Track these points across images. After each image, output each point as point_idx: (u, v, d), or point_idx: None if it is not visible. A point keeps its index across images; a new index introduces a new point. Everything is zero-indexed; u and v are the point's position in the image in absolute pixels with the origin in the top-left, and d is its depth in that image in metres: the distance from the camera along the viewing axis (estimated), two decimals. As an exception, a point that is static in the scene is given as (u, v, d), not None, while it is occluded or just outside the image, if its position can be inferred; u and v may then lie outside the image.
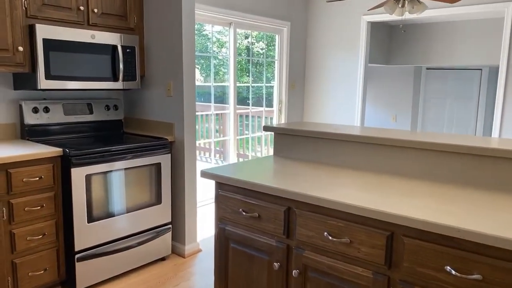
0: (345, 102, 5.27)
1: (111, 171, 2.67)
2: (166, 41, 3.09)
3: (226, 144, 5.13)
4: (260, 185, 1.77)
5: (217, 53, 4.82)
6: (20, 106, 2.79)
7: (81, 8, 2.77)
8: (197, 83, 3.30)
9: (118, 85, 2.98)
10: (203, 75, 5.15)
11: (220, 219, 2.00)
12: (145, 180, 2.90)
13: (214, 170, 2.02)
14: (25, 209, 2.34)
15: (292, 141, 2.40)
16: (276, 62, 5.26)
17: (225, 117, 4.98)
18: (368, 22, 5.03)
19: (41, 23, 2.58)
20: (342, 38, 5.21)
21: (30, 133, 2.80)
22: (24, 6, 2.52)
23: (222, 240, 2.01)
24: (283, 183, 1.78)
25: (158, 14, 3.11)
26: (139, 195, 2.86)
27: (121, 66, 2.94)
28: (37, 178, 2.38)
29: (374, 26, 5.80)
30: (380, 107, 6.91)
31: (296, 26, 5.31)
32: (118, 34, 2.94)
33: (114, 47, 2.92)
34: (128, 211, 2.80)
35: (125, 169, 2.76)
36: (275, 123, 5.38)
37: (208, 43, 5.03)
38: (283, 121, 5.38)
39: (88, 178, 2.55)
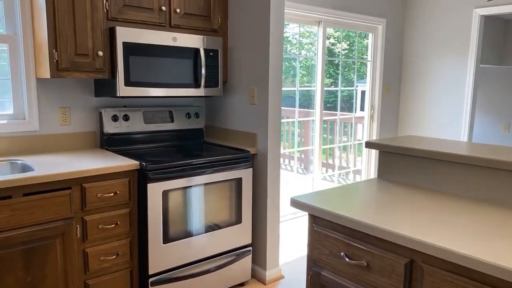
0: (449, 109, 4.57)
1: (189, 186, 2.42)
2: (251, 43, 2.78)
3: (308, 152, 4.73)
4: (370, 227, 1.35)
5: (297, 54, 4.45)
6: (100, 113, 2.66)
7: (163, 8, 2.57)
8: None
9: (200, 91, 2.74)
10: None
11: (314, 261, 1.62)
12: (225, 197, 2.61)
13: (307, 198, 1.64)
14: (99, 226, 2.17)
15: (403, 162, 1.93)
16: (368, 63, 4.73)
17: (308, 123, 4.57)
18: (481, 16, 4.30)
19: (121, 26, 2.41)
20: (448, 36, 4.52)
21: (109, 142, 2.66)
22: (105, 8, 2.36)
23: (317, 287, 1.62)
24: (401, 223, 1.35)
25: (244, 13, 2.81)
26: (218, 213, 2.58)
27: (203, 71, 2.69)
28: (112, 194, 2.19)
29: (487, 21, 4.99)
30: (488, 114, 6.00)
31: (392, 23, 4.74)
32: (201, 36, 2.70)
33: (196, 51, 2.68)
34: (207, 230, 2.53)
35: (204, 184, 2.49)
36: (365, 131, 4.85)
37: (288, 45, 4.69)
38: (375, 130, 4.82)
39: (165, 194, 2.32)
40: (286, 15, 3.67)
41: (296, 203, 1.64)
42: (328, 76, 5.33)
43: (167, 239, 2.35)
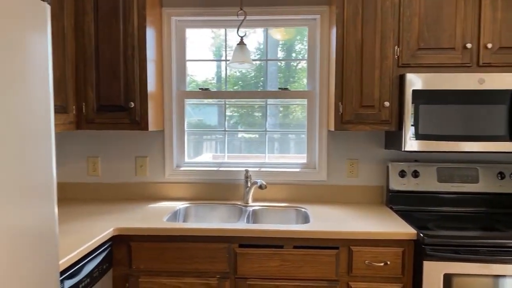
0: None
1: (489, 276, 1.80)
2: None
3: None
4: None
5: None
6: (387, 167, 2.44)
7: (468, 46, 2.10)
8: None
9: (516, 146, 2.06)
10: None
11: None
12: (548, 301, 1.79)
13: None
14: (365, 297, 1.92)
15: None
16: None
17: None
18: None
19: (413, 72, 2.14)
20: None
21: (393, 200, 2.39)
22: (396, 55, 2.16)
23: None
24: None
25: None
26: (533, 322, 1.80)
27: (521, 119, 2.01)
28: (382, 264, 1.90)
29: None
30: None
31: None
32: (522, 74, 2.04)
33: (513, 93, 2.04)
34: None
35: (506, 276, 1.79)
36: None
37: None
38: None
39: (448, 279, 1.81)
40: None
41: None
42: None
43: (448, 337, 1.82)
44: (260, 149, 2.69)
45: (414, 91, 2.09)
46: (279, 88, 2.61)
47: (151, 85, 2.33)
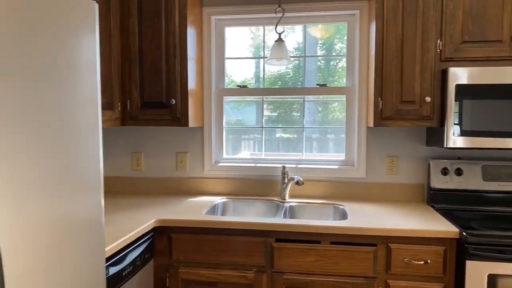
0: None
1: (535, 276, 1.72)
2: None
3: None
4: None
5: None
6: (428, 165, 2.37)
7: (516, 37, 2.02)
8: None
9: None
10: None
11: None
12: None
13: None
14: (404, 297, 1.88)
15: None
16: None
17: None
18: None
19: (456, 66, 2.07)
20: None
21: (434, 199, 2.32)
22: (439, 49, 2.10)
23: None
24: None
25: None
26: None
27: None
28: (422, 262, 1.86)
29: None
30: None
31: None
32: None
33: None
34: None
35: None
36: None
37: None
38: None
39: (493, 280, 1.74)
40: None
41: None
42: None
43: None
44: (298, 148, 2.69)
45: (458, 86, 2.02)
46: (317, 85, 2.61)
47: (191, 82, 2.40)
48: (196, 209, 2.24)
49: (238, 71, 2.75)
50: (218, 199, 2.51)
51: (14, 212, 0.88)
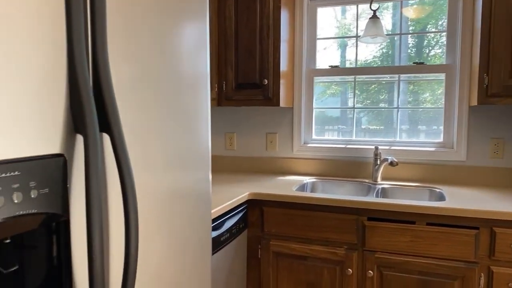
0: None
1: None
2: None
3: None
4: None
5: None
6: (542, 148, 2.15)
7: None
8: None
9: None
10: None
11: None
12: None
13: None
14: (509, 285, 1.75)
15: None
16: None
17: None
18: None
19: None
20: None
21: (549, 185, 2.10)
22: (558, 17, 1.89)
23: None
24: None
25: None
26: None
27: None
28: (532, 249, 1.71)
29: None
30: None
31: None
32: None
33: None
34: None
35: None
36: None
37: None
38: None
39: None
40: None
41: None
42: None
43: None
44: (389, 135, 2.61)
45: None
46: (414, 63, 2.50)
47: (283, 63, 2.45)
48: (286, 186, 2.30)
49: (328, 55, 2.73)
50: (307, 179, 2.54)
51: (145, 182, 1.01)
